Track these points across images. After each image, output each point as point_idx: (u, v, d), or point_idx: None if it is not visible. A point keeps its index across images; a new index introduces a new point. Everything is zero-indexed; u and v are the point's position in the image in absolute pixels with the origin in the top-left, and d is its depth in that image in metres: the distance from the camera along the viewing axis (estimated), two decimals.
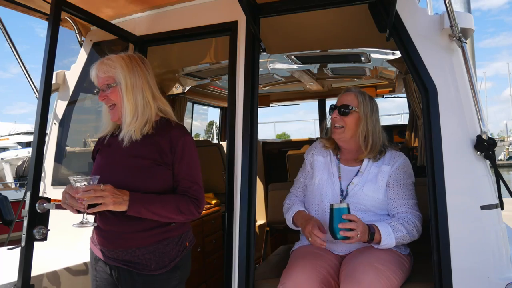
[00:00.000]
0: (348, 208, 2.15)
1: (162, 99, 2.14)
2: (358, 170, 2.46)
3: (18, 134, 22.99)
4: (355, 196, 2.36)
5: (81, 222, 1.90)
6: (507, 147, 48.11)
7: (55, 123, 3.22)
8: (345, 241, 2.12)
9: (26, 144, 20.55)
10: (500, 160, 45.28)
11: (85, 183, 1.81)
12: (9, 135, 23.03)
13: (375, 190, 2.37)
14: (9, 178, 14.91)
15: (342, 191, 2.42)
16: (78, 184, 1.81)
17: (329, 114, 2.55)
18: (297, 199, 2.62)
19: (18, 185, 13.12)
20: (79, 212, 1.86)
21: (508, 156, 49.43)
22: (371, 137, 2.42)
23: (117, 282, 2.03)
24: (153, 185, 1.96)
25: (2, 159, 16.89)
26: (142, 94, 2.03)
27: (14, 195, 10.55)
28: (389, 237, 2.21)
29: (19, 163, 15.78)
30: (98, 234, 2.06)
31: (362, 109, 2.43)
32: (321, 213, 2.41)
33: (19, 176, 15.08)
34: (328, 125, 2.62)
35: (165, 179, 1.99)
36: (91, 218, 1.98)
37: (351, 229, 2.08)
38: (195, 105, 6.32)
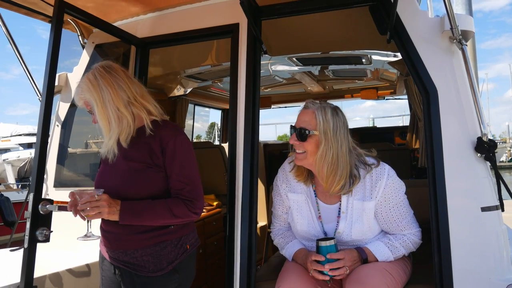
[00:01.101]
0: (336, 245, 2.10)
1: (145, 100, 2.05)
2: (339, 209, 2.25)
3: (20, 135, 23.08)
4: (346, 243, 2.24)
5: (85, 236, 1.95)
6: (509, 148, 47.98)
7: (57, 125, 3.24)
8: (336, 277, 2.08)
9: (28, 146, 20.63)
10: (502, 161, 45.18)
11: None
12: (11, 136, 23.11)
13: (365, 231, 2.22)
14: (11, 179, 14.96)
15: (325, 233, 2.28)
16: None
17: (290, 135, 2.24)
18: (283, 232, 2.49)
19: (20, 186, 13.15)
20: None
21: (510, 157, 49.32)
22: (335, 163, 2.11)
23: (121, 281, 2.05)
24: (145, 189, 1.96)
25: (4, 160, 16.94)
26: (114, 107, 1.96)
27: (16, 196, 10.59)
28: (387, 258, 2.18)
29: (21, 164, 15.84)
30: (102, 234, 2.09)
31: (321, 129, 2.10)
32: (310, 249, 2.33)
33: (21, 178, 15.13)
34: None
35: (158, 182, 1.98)
36: (95, 231, 2.03)
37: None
38: (196, 107, 6.33)
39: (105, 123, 1.97)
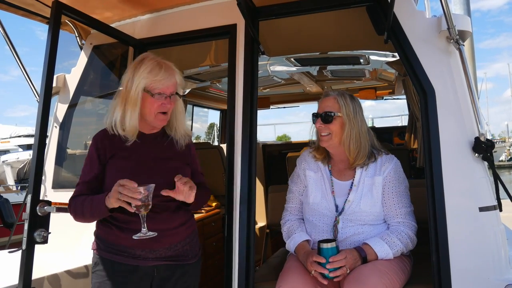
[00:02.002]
0: (337, 247, 2.15)
1: None
2: (352, 183, 2.40)
3: (19, 136, 23.02)
4: (353, 213, 2.33)
5: (142, 234, 1.89)
6: (508, 148, 48.05)
7: (55, 126, 3.23)
8: (336, 279, 2.12)
9: (27, 147, 20.58)
10: (501, 161, 45.24)
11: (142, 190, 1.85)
12: (10, 137, 23.06)
13: (372, 204, 2.33)
14: (10, 180, 14.91)
15: (336, 206, 2.38)
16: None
17: (313, 123, 2.44)
18: (295, 219, 2.55)
19: (19, 187, 13.15)
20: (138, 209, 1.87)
21: (509, 157, 49.39)
22: (358, 140, 2.35)
23: (156, 279, 2.06)
24: None
25: (3, 161, 16.90)
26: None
27: (15, 197, 10.56)
28: (386, 254, 2.21)
29: (20, 166, 15.82)
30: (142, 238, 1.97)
31: (344, 112, 2.35)
32: (317, 231, 2.39)
33: (20, 179, 15.11)
34: (314, 136, 2.52)
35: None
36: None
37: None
38: (195, 108, 6.33)
39: (183, 112, 2.25)
